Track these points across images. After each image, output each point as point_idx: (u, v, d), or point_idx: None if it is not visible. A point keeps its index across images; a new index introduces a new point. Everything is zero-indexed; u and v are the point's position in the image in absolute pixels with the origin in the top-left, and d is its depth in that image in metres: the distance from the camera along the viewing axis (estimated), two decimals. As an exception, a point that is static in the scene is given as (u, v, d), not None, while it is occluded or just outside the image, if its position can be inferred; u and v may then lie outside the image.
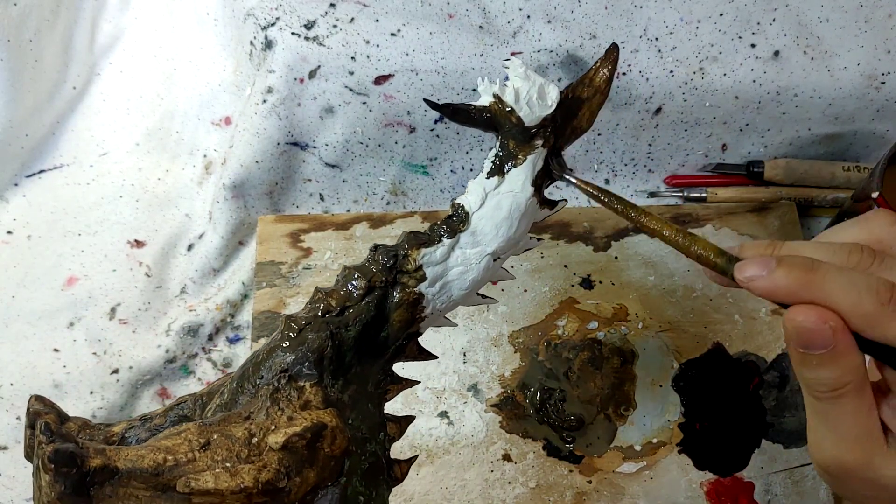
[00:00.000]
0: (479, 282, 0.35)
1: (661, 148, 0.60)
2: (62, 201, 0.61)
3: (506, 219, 0.34)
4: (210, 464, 0.27)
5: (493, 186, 0.34)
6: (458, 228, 0.34)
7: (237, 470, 0.27)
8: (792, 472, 0.52)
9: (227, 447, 0.28)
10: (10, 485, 0.52)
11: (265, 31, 0.56)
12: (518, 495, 0.51)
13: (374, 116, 0.57)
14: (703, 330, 0.56)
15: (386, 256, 0.33)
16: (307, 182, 0.60)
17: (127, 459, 0.26)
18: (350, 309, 0.32)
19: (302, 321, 0.32)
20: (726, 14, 0.55)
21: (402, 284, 0.33)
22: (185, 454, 0.27)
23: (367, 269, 0.33)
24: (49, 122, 0.62)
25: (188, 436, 0.28)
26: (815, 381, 0.29)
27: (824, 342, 0.28)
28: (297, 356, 0.31)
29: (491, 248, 0.34)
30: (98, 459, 0.25)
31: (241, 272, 0.59)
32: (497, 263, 0.35)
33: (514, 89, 0.33)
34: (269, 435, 0.28)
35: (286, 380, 0.30)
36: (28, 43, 0.59)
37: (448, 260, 0.34)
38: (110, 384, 0.55)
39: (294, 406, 0.30)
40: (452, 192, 0.61)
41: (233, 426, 0.29)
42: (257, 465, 0.27)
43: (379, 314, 0.33)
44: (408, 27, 0.55)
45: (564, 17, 0.55)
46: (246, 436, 0.28)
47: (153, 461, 0.26)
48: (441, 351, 0.55)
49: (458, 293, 0.35)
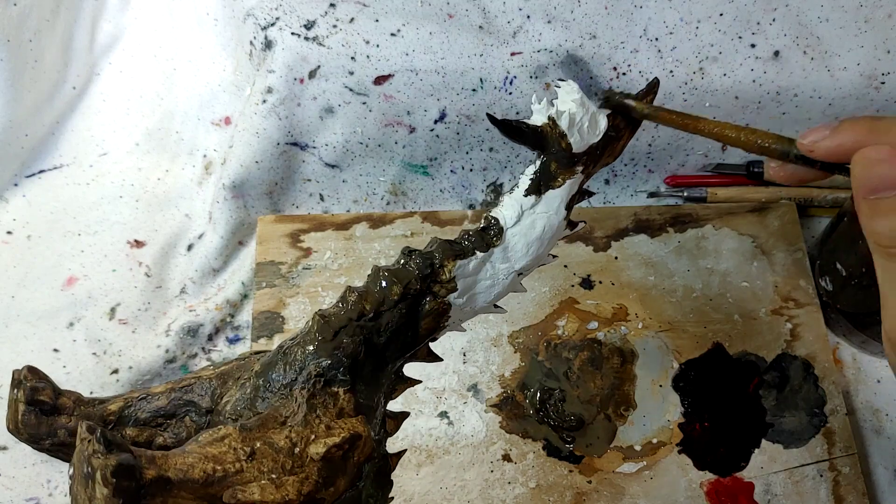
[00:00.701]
0: (501, 295, 0.35)
1: (661, 148, 0.60)
2: (62, 201, 0.61)
3: (538, 238, 0.34)
4: (256, 475, 0.27)
5: (529, 205, 0.34)
6: (493, 243, 0.34)
7: (282, 482, 0.27)
8: (792, 472, 0.52)
9: (272, 458, 0.27)
10: (10, 485, 0.52)
11: (265, 31, 0.56)
12: (518, 495, 0.51)
13: (374, 116, 0.57)
14: (703, 330, 0.56)
15: (423, 264, 0.32)
16: (307, 182, 0.60)
17: (177, 469, 0.25)
18: (384, 314, 0.32)
19: (336, 323, 0.31)
20: (726, 14, 0.55)
21: (433, 293, 0.33)
22: (232, 464, 0.26)
23: (403, 274, 0.32)
24: (49, 122, 0.62)
25: (232, 443, 0.27)
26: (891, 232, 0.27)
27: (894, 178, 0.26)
28: (332, 361, 0.30)
29: (519, 265, 0.34)
30: (153, 470, 0.24)
31: (241, 272, 0.59)
32: (519, 279, 0.36)
33: (570, 115, 0.33)
34: (309, 445, 0.28)
35: (322, 385, 0.30)
36: (28, 43, 0.59)
37: (479, 273, 0.34)
38: (110, 384, 0.55)
39: (331, 414, 0.29)
40: (452, 192, 0.61)
41: (273, 433, 0.28)
42: (300, 477, 0.27)
43: (410, 321, 0.33)
44: (408, 27, 0.55)
45: (564, 17, 0.55)
46: (288, 445, 0.28)
47: (203, 471, 0.26)
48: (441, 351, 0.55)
49: (480, 305, 0.35)
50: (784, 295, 0.57)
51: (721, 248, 0.58)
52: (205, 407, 0.32)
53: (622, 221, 0.59)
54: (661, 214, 0.59)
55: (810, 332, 0.56)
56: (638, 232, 0.59)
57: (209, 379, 0.33)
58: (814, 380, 0.54)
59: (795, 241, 0.58)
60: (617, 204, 0.61)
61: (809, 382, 0.54)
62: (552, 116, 0.33)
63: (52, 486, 0.52)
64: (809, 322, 0.56)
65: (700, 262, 0.58)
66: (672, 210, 0.60)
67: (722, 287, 0.57)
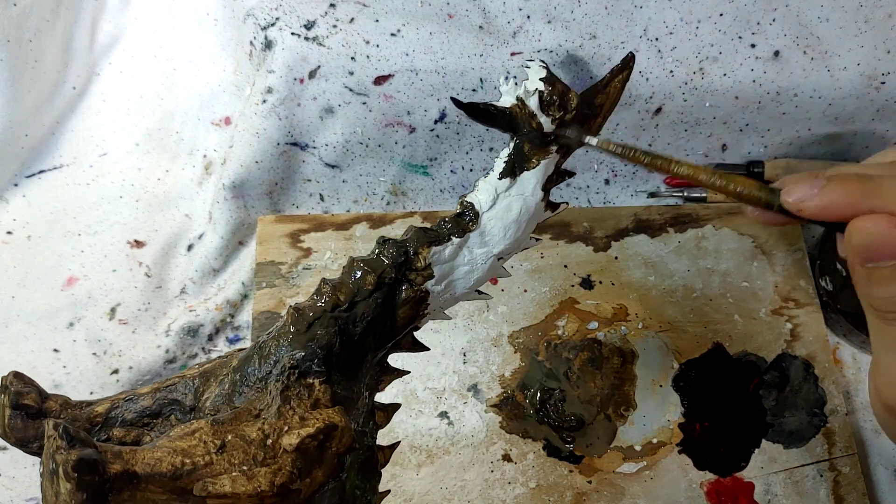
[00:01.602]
0: (481, 280, 0.35)
1: (661, 148, 0.60)
2: (62, 201, 0.61)
3: (514, 221, 0.34)
4: (227, 467, 0.27)
5: (504, 188, 0.34)
6: (468, 227, 0.34)
7: (254, 473, 0.27)
8: (792, 472, 0.52)
9: (243, 449, 0.27)
10: (10, 485, 0.52)
11: (265, 32, 0.56)
12: (518, 495, 0.51)
13: (374, 116, 0.57)
14: (703, 330, 0.56)
15: (397, 252, 0.32)
16: (307, 182, 0.60)
17: (145, 463, 0.25)
18: (358, 304, 0.32)
19: (310, 315, 0.31)
20: (726, 14, 0.55)
21: (409, 281, 0.33)
22: (202, 457, 0.26)
23: (376, 263, 0.32)
24: (49, 122, 0.62)
25: (203, 436, 0.27)
26: (887, 300, 0.26)
27: (893, 248, 0.26)
28: (306, 353, 0.30)
29: (497, 249, 0.34)
30: (118, 465, 0.24)
31: (241, 272, 0.59)
32: (499, 263, 0.35)
33: (538, 93, 0.33)
34: (282, 436, 0.28)
35: (296, 376, 0.30)
36: (28, 43, 0.59)
37: (455, 259, 0.34)
38: (110, 384, 0.55)
39: (305, 405, 0.29)
40: (452, 192, 0.61)
41: (245, 426, 0.28)
42: (273, 468, 0.27)
43: (386, 310, 0.32)
44: (408, 27, 0.55)
45: (564, 17, 0.55)
46: (260, 437, 0.28)
47: (171, 465, 0.26)
48: (441, 351, 0.55)
49: (460, 291, 0.35)
50: (784, 295, 0.57)
51: (721, 248, 0.58)
52: (188, 405, 0.32)
53: (622, 221, 0.59)
54: (661, 214, 0.59)
55: (810, 332, 0.56)
56: (638, 232, 0.59)
57: (192, 378, 0.33)
58: (814, 380, 0.54)
59: (795, 241, 0.58)
60: (617, 204, 0.61)
61: (809, 382, 0.54)
62: (520, 97, 0.33)
63: (52, 486, 0.52)
64: (809, 322, 0.56)
65: (700, 262, 0.58)
66: (672, 210, 0.60)
67: (722, 287, 0.57)
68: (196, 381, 0.32)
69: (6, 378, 0.30)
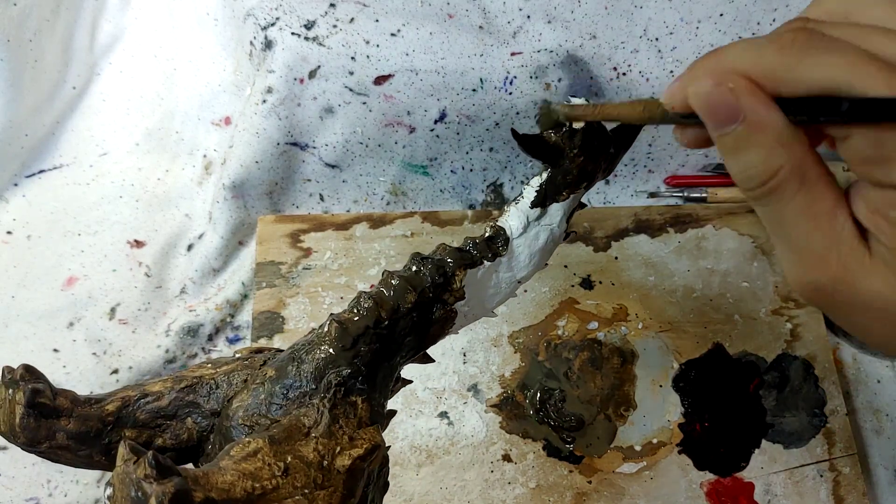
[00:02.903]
0: (500, 303, 0.36)
1: (661, 148, 0.60)
2: (62, 201, 0.61)
3: (540, 249, 0.35)
4: (291, 491, 0.27)
5: (535, 217, 0.34)
6: (499, 252, 0.34)
7: (314, 497, 0.27)
8: (792, 472, 0.52)
9: (304, 472, 0.27)
10: (10, 485, 0.52)
11: (265, 31, 0.56)
12: (518, 496, 0.51)
13: (374, 116, 0.57)
14: (703, 330, 0.56)
15: (437, 273, 0.32)
16: (307, 182, 0.60)
17: (220, 489, 0.25)
18: (399, 321, 0.32)
19: (354, 331, 0.31)
20: (726, 14, 0.55)
21: (443, 301, 0.33)
22: (269, 480, 0.26)
23: (417, 281, 0.32)
24: (49, 122, 0.62)
25: (266, 458, 0.27)
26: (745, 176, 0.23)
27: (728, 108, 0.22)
28: (352, 370, 0.30)
29: (521, 275, 0.35)
30: (200, 493, 0.24)
31: (241, 272, 0.59)
32: (518, 287, 0.36)
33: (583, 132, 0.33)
34: (336, 458, 0.28)
35: (342, 394, 0.30)
36: (28, 43, 0.59)
37: (484, 282, 0.34)
38: (110, 384, 0.55)
39: (352, 425, 0.30)
40: (452, 193, 0.61)
41: (300, 445, 0.28)
42: (329, 491, 0.27)
43: (422, 328, 0.33)
44: (408, 27, 0.55)
45: (564, 17, 0.55)
46: (318, 459, 0.28)
47: (243, 490, 0.26)
48: (441, 351, 0.55)
49: (480, 311, 0.35)
50: (784, 295, 0.57)
51: (721, 248, 0.58)
52: (209, 409, 0.32)
53: (622, 221, 0.59)
54: (661, 214, 0.59)
55: (810, 332, 0.56)
56: (638, 232, 0.59)
57: (212, 379, 0.32)
58: (814, 380, 0.54)
59: (795, 242, 0.58)
60: (617, 204, 0.61)
61: (809, 383, 0.54)
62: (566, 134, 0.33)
63: (52, 486, 0.52)
64: (809, 322, 0.56)
65: (700, 263, 0.58)
66: (672, 210, 0.60)
67: (722, 287, 0.57)
68: (219, 384, 0.32)
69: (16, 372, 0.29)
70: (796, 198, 0.23)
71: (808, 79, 0.22)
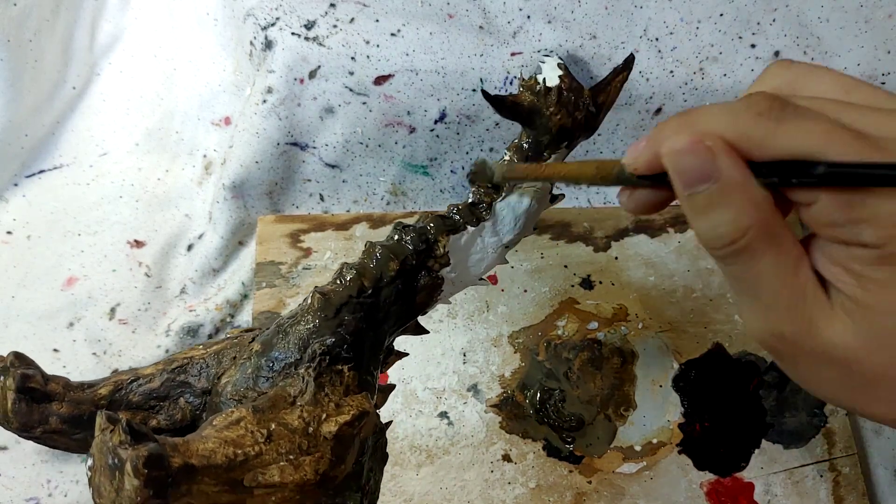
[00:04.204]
0: (489, 268, 0.35)
1: (661, 148, 0.60)
2: (62, 201, 0.61)
3: (525, 212, 0.34)
4: (275, 457, 0.27)
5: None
6: (482, 217, 0.34)
7: (300, 462, 0.27)
8: (792, 472, 0.52)
9: (289, 438, 0.27)
10: (10, 485, 0.52)
11: (265, 32, 0.56)
12: (518, 496, 0.51)
13: (374, 116, 0.57)
14: (703, 330, 0.56)
15: (419, 239, 0.32)
16: (307, 182, 0.60)
17: (200, 455, 0.25)
18: (383, 290, 0.32)
19: (337, 300, 0.31)
20: (726, 14, 0.55)
21: (428, 268, 0.33)
22: (251, 447, 0.26)
23: (399, 249, 0.32)
24: (49, 122, 0.62)
25: (248, 426, 0.27)
26: (713, 235, 0.23)
27: (703, 167, 0.23)
28: (336, 339, 0.30)
29: (507, 239, 0.35)
30: (178, 458, 0.24)
31: (241, 272, 0.59)
32: (505, 252, 0.36)
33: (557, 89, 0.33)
34: (322, 424, 0.28)
35: (327, 363, 0.30)
36: (28, 43, 0.59)
37: (469, 247, 0.34)
38: (110, 384, 0.55)
39: (339, 392, 0.30)
40: (452, 192, 0.61)
41: (285, 414, 0.28)
42: (315, 457, 0.27)
43: (407, 296, 0.33)
44: (408, 27, 0.55)
45: (564, 17, 0.55)
46: (303, 426, 0.28)
47: (225, 456, 0.26)
48: (441, 351, 0.55)
49: (469, 279, 0.35)
50: (784, 295, 0.57)
51: (721, 248, 0.58)
52: (200, 388, 0.32)
53: (622, 221, 0.59)
54: (661, 214, 0.59)
55: (810, 332, 0.55)
56: (638, 232, 0.59)
57: (202, 359, 0.32)
58: (814, 380, 0.54)
59: (795, 242, 0.58)
60: (617, 204, 0.61)
61: (809, 382, 0.54)
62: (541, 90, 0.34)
63: (52, 486, 0.52)
64: (809, 322, 0.56)
65: (700, 263, 0.58)
66: (672, 210, 0.60)
67: (722, 287, 0.57)
68: (208, 362, 0.32)
69: (6, 358, 0.30)
70: (764, 257, 0.23)
71: (785, 144, 0.22)
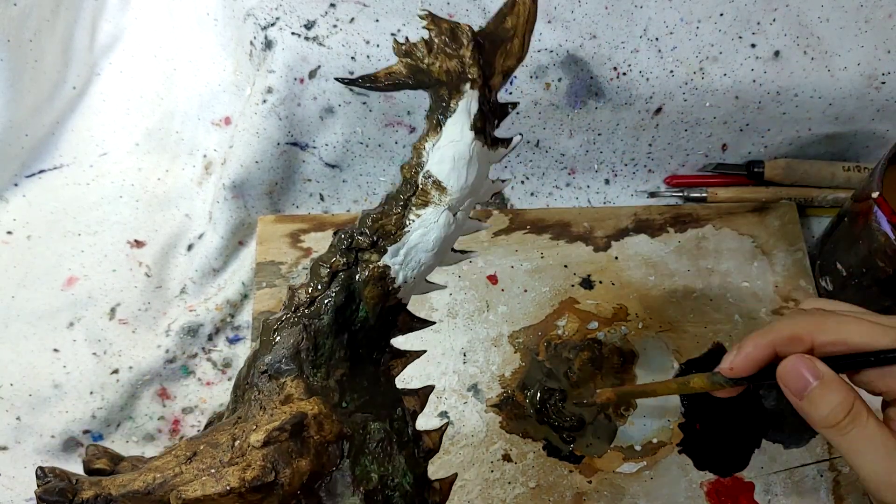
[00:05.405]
0: (445, 238, 0.34)
1: (662, 148, 0.60)
2: (62, 201, 0.61)
3: (452, 170, 0.33)
4: (196, 473, 0.28)
5: (432, 143, 0.33)
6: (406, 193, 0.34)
7: (222, 474, 0.28)
8: (792, 472, 0.52)
9: (211, 455, 0.29)
10: (10, 485, 0.52)
11: (265, 31, 0.56)
12: (518, 495, 0.51)
13: (374, 116, 0.57)
14: (703, 330, 0.56)
15: (340, 240, 0.33)
16: (307, 182, 0.60)
17: (118, 485, 0.28)
18: (317, 298, 0.33)
19: (276, 322, 0.32)
20: (726, 14, 0.55)
21: (364, 262, 0.33)
22: (171, 469, 0.28)
23: (328, 255, 0.33)
24: (49, 122, 0.62)
25: (177, 452, 0.29)
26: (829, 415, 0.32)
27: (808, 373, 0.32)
28: (273, 356, 0.32)
29: (452, 199, 0.33)
30: (91, 490, 0.27)
31: (241, 272, 0.59)
32: (460, 216, 0.34)
33: (424, 42, 0.32)
34: (250, 435, 0.29)
35: (266, 379, 0.31)
36: (28, 43, 0.59)
37: (403, 228, 0.33)
38: (110, 384, 0.55)
39: (275, 403, 0.31)
40: (452, 192, 0.61)
41: (218, 434, 0.30)
42: (241, 466, 0.28)
43: (349, 295, 0.33)
44: (408, 27, 0.55)
45: (564, 17, 0.55)
46: (229, 440, 0.29)
47: (143, 482, 0.28)
48: (441, 351, 0.55)
49: (425, 255, 0.34)
50: (784, 295, 0.57)
51: (721, 248, 0.58)
52: None
53: (622, 221, 0.59)
54: (661, 214, 0.59)
55: (810, 332, 0.55)
56: (638, 232, 0.59)
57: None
58: (814, 380, 0.54)
59: (795, 242, 0.58)
60: (617, 204, 0.61)
61: (809, 382, 0.54)
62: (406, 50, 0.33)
63: (52, 486, 0.52)
64: (809, 322, 0.56)
65: (700, 263, 0.58)
66: (672, 210, 0.60)
67: (722, 287, 0.57)
68: None
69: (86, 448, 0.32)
70: (869, 418, 0.32)
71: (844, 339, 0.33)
